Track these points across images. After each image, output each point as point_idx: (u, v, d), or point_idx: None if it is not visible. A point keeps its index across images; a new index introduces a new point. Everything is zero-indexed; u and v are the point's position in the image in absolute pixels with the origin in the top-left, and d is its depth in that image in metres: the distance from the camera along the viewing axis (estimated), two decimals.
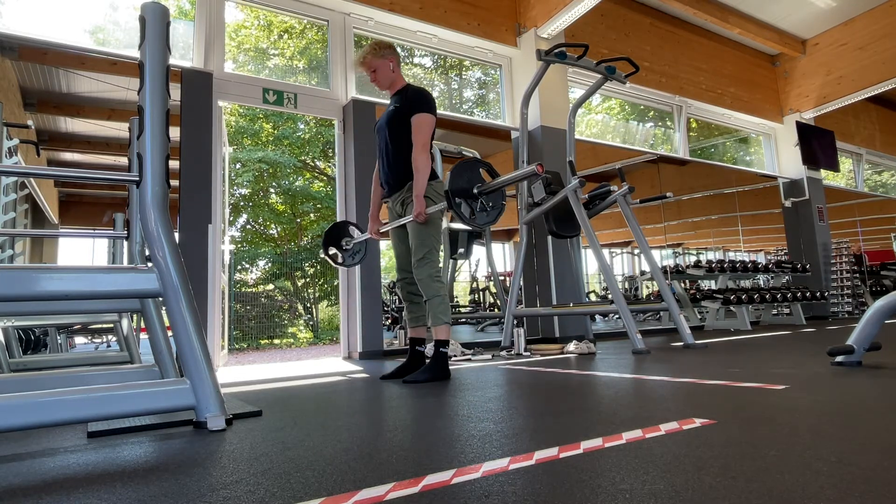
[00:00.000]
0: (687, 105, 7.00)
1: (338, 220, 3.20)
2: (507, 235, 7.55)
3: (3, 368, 2.96)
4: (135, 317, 3.90)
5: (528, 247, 4.76)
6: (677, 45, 6.83)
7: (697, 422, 1.36)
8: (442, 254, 5.50)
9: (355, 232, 3.17)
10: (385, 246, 5.53)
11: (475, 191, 2.39)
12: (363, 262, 4.17)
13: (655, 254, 6.31)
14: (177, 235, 2.77)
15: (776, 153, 8.06)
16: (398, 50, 2.77)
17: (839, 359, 2.39)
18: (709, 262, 6.46)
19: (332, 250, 3.15)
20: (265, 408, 1.92)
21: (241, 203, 11.11)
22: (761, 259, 8.16)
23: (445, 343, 2.57)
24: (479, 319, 7.41)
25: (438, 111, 2.73)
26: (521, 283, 4.88)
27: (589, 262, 6.81)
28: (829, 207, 7.89)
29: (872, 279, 8.53)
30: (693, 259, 7.30)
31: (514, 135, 5.41)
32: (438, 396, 2.04)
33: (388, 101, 2.83)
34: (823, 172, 8.01)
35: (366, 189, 4.30)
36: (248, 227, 11.56)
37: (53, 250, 6.11)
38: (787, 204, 7.83)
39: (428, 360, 2.63)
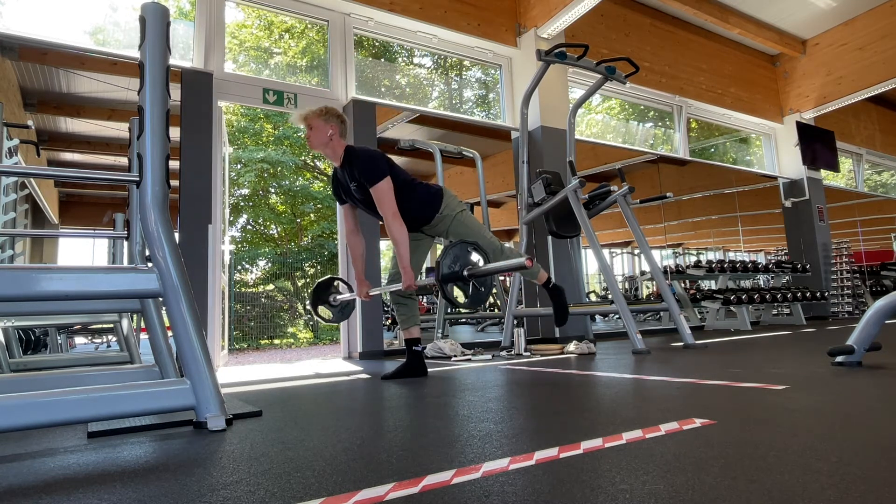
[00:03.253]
0: (687, 105, 7.00)
1: (321, 279, 3.25)
2: (507, 236, 7.55)
3: (4, 368, 2.96)
4: (135, 317, 3.90)
5: (528, 247, 4.76)
6: (677, 46, 6.83)
7: (698, 422, 1.36)
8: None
9: (342, 287, 3.19)
10: (385, 246, 5.53)
11: (465, 273, 2.32)
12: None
13: (655, 254, 6.31)
14: (177, 235, 2.77)
15: (776, 153, 8.06)
16: (347, 121, 2.64)
17: (839, 359, 2.39)
18: (709, 262, 6.46)
19: (321, 308, 3.17)
20: (265, 408, 1.92)
21: (242, 203, 11.11)
22: (761, 259, 8.17)
23: (549, 282, 2.88)
24: (480, 319, 7.41)
25: (439, 111, 2.73)
26: (522, 283, 4.88)
27: (589, 262, 6.81)
28: (829, 207, 7.89)
29: (872, 279, 8.53)
30: (693, 259, 7.31)
31: (514, 135, 5.41)
32: (439, 397, 2.04)
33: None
34: (823, 172, 8.01)
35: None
36: (249, 227, 11.55)
37: (53, 250, 6.11)
38: (788, 204, 7.82)
39: (552, 300, 2.88)
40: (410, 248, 2.67)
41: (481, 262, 2.39)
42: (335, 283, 3.20)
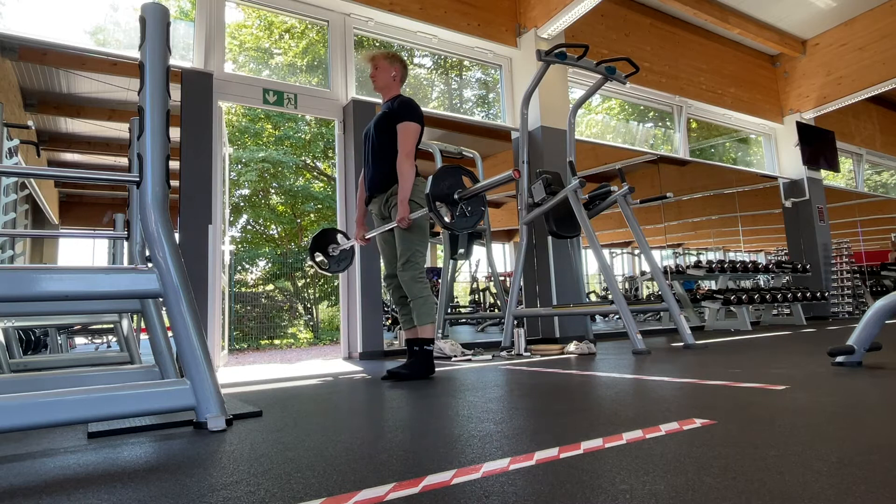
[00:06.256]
0: (687, 105, 7.00)
1: (327, 227, 3.27)
2: (507, 236, 7.55)
3: (4, 369, 2.96)
4: (135, 317, 3.90)
5: (528, 247, 4.76)
6: (677, 46, 6.83)
7: (698, 422, 1.36)
8: (441, 254, 5.50)
9: (342, 239, 3.19)
10: None
11: (455, 196, 2.41)
12: (362, 261, 4.17)
13: (655, 254, 6.31)
14: (177, 235, 2.77)
15: (776, 153, 8.06)
16: (408, 68, 2.86)
17: (839, 359, 2.39)
18: (709, 262, 6.46)
19: (319, 256, 3.17)
20: (265, 408, 1.92)
21: (242, 203, 11.11)
22: (761, 259, 8.16)
23: (430, 342, 2.64)
24: (480, 320, 7.41)
25: (439, 111, 2.77)
26: (522, 283, 4.88)
27: (589, 263, 6.81)
28: (830, 207, 7.89)
29: (873, 279, 8.53)
30: (693, 259, 7.30)
31: (514, 135, 5.41)
32: (439, 397, 2.04)
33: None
34: (823, 173, 8.01)
35: None
36: (249, 227, 11.56)
37: (54, 251, 6.11)
38: (788, 204, 7.82)
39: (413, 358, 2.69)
40: (391, 253, 2.78)
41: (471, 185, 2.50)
42: (336, 234, 3.21)
